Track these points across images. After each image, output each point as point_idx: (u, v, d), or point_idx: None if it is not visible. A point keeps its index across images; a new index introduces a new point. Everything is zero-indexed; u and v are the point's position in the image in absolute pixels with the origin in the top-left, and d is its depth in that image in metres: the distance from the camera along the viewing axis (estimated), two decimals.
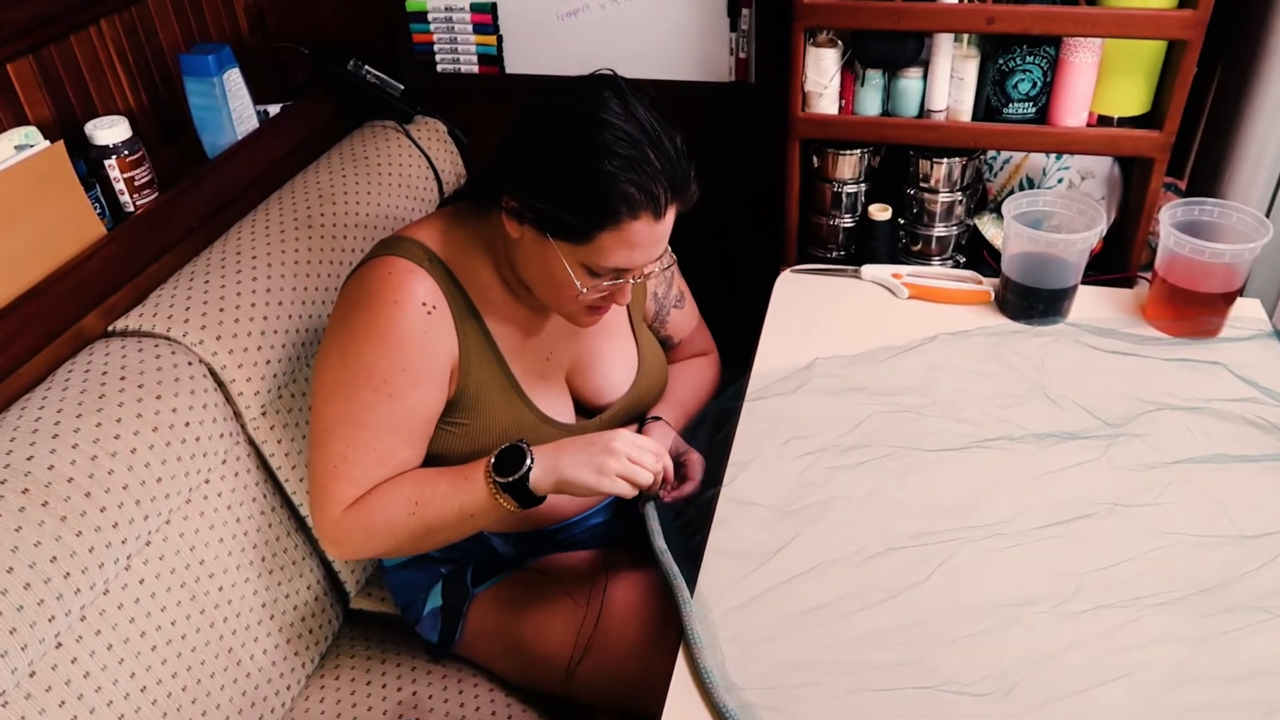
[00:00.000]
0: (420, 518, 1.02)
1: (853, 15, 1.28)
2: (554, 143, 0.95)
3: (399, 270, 1.03)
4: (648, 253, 0.98)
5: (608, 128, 0.92)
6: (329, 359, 1.04)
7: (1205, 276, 1.17)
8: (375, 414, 1.02)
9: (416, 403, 1.04)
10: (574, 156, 0.93)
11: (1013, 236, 1.22)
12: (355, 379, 1.02)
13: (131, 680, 0.98)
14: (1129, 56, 1.26)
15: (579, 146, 0.93)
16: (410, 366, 1.02)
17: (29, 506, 0.92)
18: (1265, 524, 0.95)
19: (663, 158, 0.94)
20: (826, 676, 0.83)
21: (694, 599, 0.91)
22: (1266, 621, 0.86)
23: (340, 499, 1.03)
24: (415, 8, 1.64)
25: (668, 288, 1.29)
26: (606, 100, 0.94)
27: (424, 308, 1.02)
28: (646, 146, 0.93)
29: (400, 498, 1.03)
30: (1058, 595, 0.89)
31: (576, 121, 0.94)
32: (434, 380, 1.05)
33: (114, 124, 1.24)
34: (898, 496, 1.01)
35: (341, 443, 1.03)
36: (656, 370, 1.25)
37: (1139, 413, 1.09)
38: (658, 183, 0.93)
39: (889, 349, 1.21)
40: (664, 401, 1.27)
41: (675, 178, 0.95)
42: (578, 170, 0.93)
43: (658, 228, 0.96)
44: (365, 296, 1.03)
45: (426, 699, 1.22)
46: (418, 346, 1.02)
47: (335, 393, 1.03)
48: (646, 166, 0.92)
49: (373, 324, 1.02)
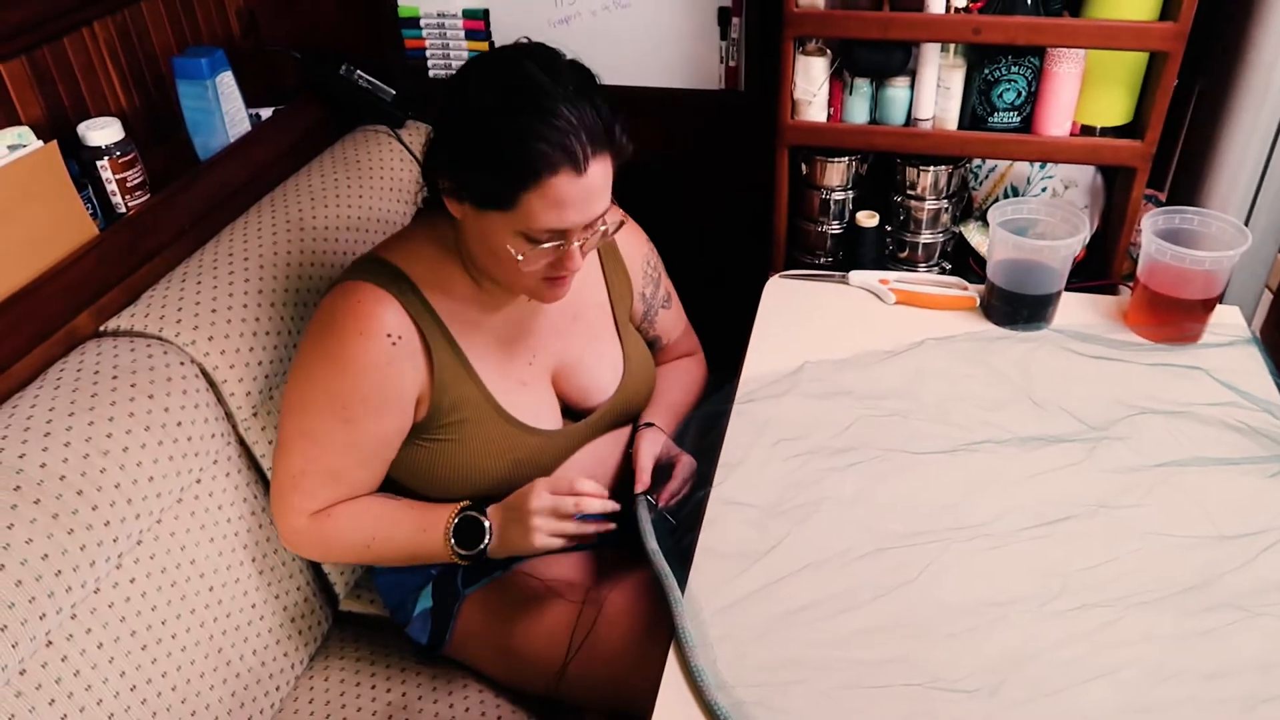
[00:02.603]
0: (375, 551, 1.11)
1: (841, 24, 1.30)
2: (469, 112, 0.96)
3: (368, 299, 1.05)
4: (581, 210, 0.97)
5: (518, 90, 0.93)
6: (297, 375, 1.08)
7: (1186, 283, 1.19)
8: (331, 437, 1.06)
9: (373, 430, 1.07)
10: (485, 121, 0.94)
11: (998, 243, 1.24)
12: (317, 400, 1.06)
13: (121, 679, 0.98)
14: (1111, 68, 1.28)
15: (489, 111, 0.94)
16: (370, 397, 1.05)
17: (21, 505, 0.92)
18: (1244, 525, 0.97)
19: (577, 113, 0.93)
20: (816, 674, 0.85)
21: (685, 598, 0.92)
22: (1244, 620, 0.88)
23: (298, 509, 1.10)
24: (407, 13, 1.65)
25: (655, 288, 1.30)
26: (519, 64, 0.95)
27: (389, 339, 1.04)
28: (558, 103, 0.92)
29: (358, 528, 1.10)
30: (1043, 594, 0.91)
31: (489, 88, 0.95)
32: (394, 409, 1.08)
33: (107, 125, 1.24)
34: (886, 498, 1.02)
35: (299, 457, 1.08)
36: (644, 371, 1.26)
37: (1121, 416, 1.11)
38: (574, 137, 0.92)
39: (876, 353, 1.23)
40: (654, 404, 1.28)
41: (595, 130, 0.94)
42: (491, 134, 0.94)
43: (582, 181, 0.94)
44: (334, 323, 1.05)
45: (416, 700, 1.22)
46: (379, 378, 1.05)
47: (299, 409, 1.07)
48: (558, 121, 0.92)
49: (338, 351, 1.04)
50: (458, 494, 1.13)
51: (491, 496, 1.11)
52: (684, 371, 1.36)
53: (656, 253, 1.31)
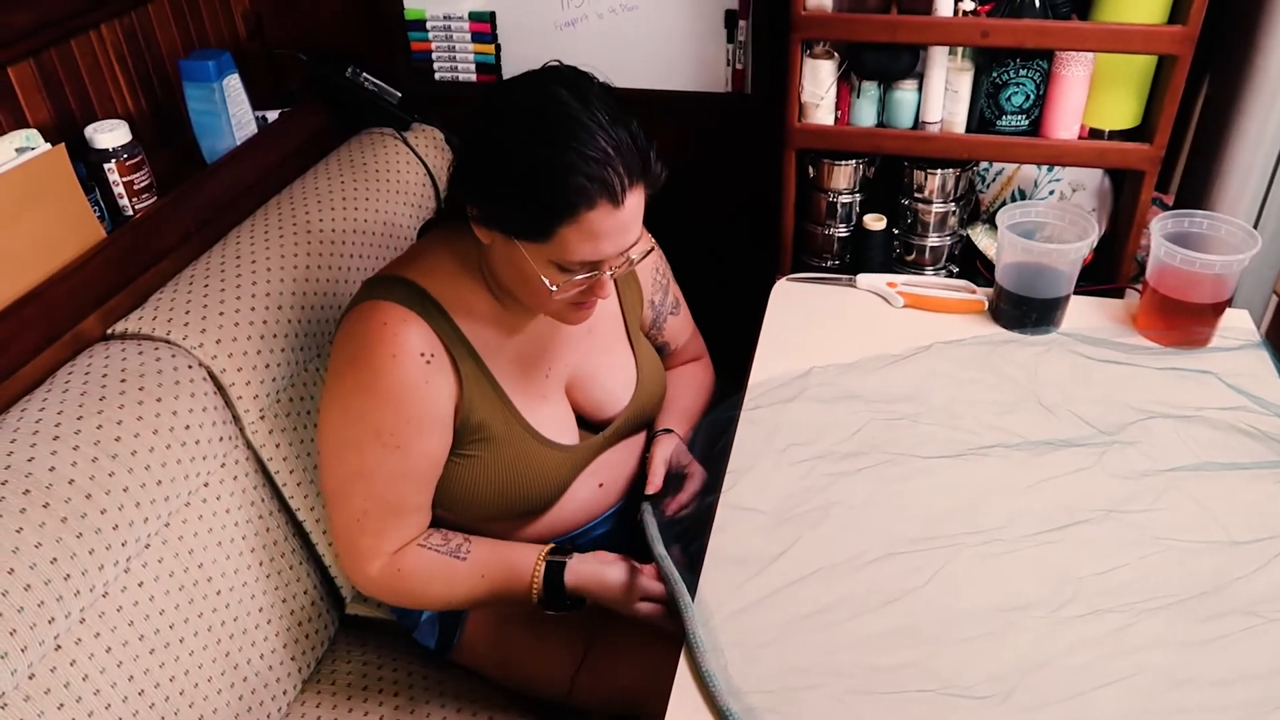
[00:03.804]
0: (448, 603, 1.12)
1: (849, 27, 1.29)
2: (502, 142, 0.93)
3: (394, 320, 1.01)
4: (615, 242, 0.95)
5: (553, 120, 0.90)
6: (332, 414, 1.04)
7: (1195, 287, 1.19)
8: (386, 467, 1.03)
9: (425, 450, 1.05)
10: (521, 153, 0.91)
11: (1006, 246, 1.24)
12: (363, 435, 1.02)
13: (129, 683, 0.98)
14: (1120, 71, 1.28)
15: (525, 142, 0.91)
16: (414, 418, 1.02)
17: (29, 508, 0.91)
18: (1255, 530, 0.97)
19: (614, 143, 0.90)
20: (828, 679, 0.84)
21: (695, 604, 0.92)
22: (1257, 626, 0.87)
23: (369, 552, 1.06)
24: (414, 16, 1.65)
25: (664, 294, 1.29)
26: (552, 93, 0.92)
27: (422, 358, 1.02)
28: (596, 134, 0.89)
29: (436, 585, 1.08)
30: (1054, 600, 0.90)
31: (522, 117, 0.92)
32: (438, 426, 1.05)
33: (114, 128, 1.24)
34: (896, 502, 1.02)
35: (359, 497, 1.04)
36: (656, 380, 1.25)
37: (1131, 421, 1.10)
38: (611, 169, 0.90)
39: (885, 357, 1.23)
40: (667, 411, 1.27)
41: (630, 162, 0.92)
42: (526, 167, 0.91)
43: (619, 215, 0.92)
44: (363, 350, 1.02)
45: (423, 705, 1.22)
46: (420, 398, 1.02)
47: (344, 448, 1.04)
48: (597, 154, 0.89)
49: (373, 380, 1.01)
50: (481, 511, 1.11)
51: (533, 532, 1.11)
52: (693, 377, 1.35)
53: (665, 259, 1.31)
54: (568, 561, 1.06)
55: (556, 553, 1.08)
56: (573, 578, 1.05)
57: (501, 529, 1.14)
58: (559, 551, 1.08)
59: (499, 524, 1.14)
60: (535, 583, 1.05)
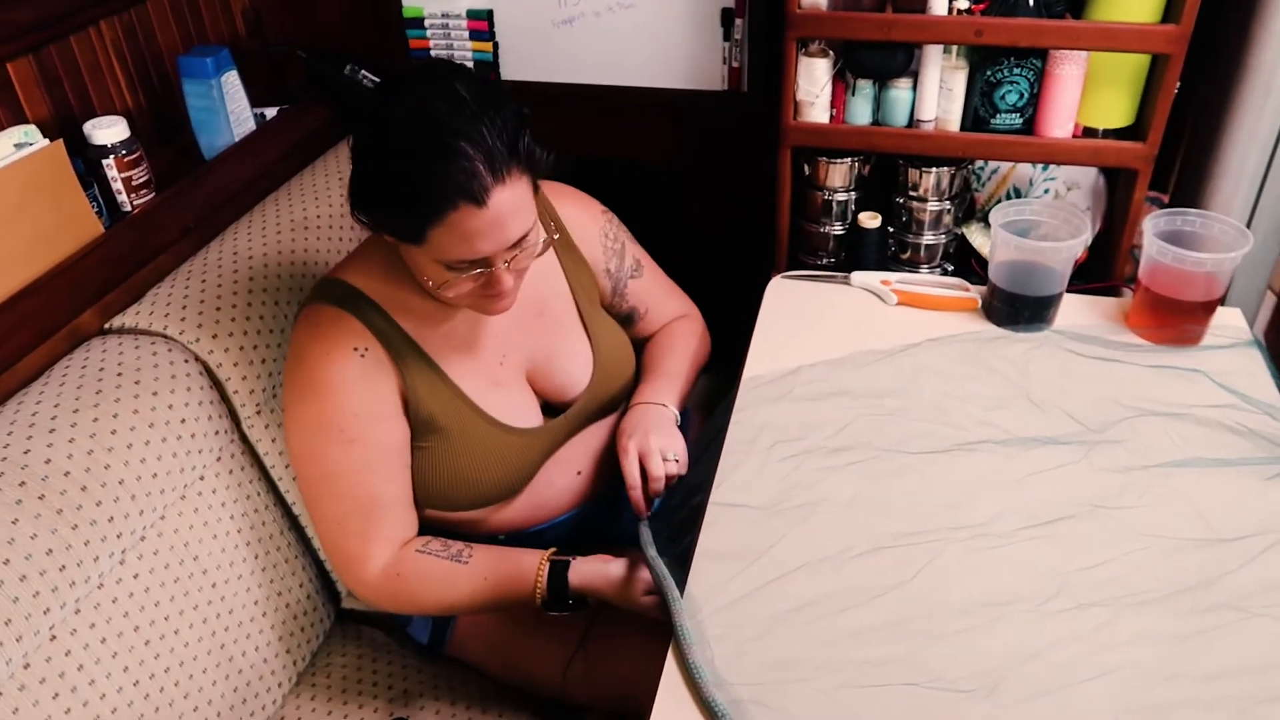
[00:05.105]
0: (450, 608, 1.11)
1: (844, 26, 1.30)
2: (364, 152, 0.95)
3: (325, 320, 1.05)
4: (493, 238, 0.93)
5: (412, 126, 0.90)
6: (291, 429, 1.07)
7: (1187, 285, 1.19)
8: (346, 464, 1.04)
9: (379, 438, 1.06)
10: (382, 161, 0.92)
11: (1000, 244, 1.24)
12: (315, 438, 1.04)
13: (124, 674, 0.99)
14: (1114, 70, 1.28)
15: (384, 150, 0.92)
16: (359, 411, 1.04)
17: (26, 500, 0.92)
18: (1241, 527, 0.97)
19: (473, 140, 0.89)
20: (814, 673, 0.85)
21: (683, 597, 0.92)
22: (1241, 621, 0.88)
23: (359, 557, 1.07)
24: (412, 13, 1.66)
25: (619, 260, 1.26)
26: (412, 96, 0.91)
27: (356, 352, 1.04)
28: (453, 137, 0.88)
29: (436, 590, 1.08)
30: (1040, 594, 0.91)
31: (380, 127, 0.92)
32: (388, 413, 1.06)
33: (112, 124, 1.25)
34: (883, 497, 1.02)
35: (332, 501, 1.06)
36: (616, 358, 1.23)
37: (1120, 418, 1.11)
38: (470, 169, 0.89)
39: (874, 353, 1.23)
40: (647, 381, 1.24)
41: (495, 158, 0.90)
42: (388, 175, 0.92)
43: (486, 214, 0.91)
44: (300, 354, 1.05)
45: (417, 699, 1.23)
46: (359, 389, 1.04)
47: (305, 459, 1.06)
48: (454, 156, 0.88)
49: (311, 380, 1.03)
50: (448, 502, 1.12)
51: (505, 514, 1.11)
52: (678, 336, 1.32)
53: (617, 221, 1.28)
54: (572, 561, 1.07)
55: (559, 554, 1.08)
56: (577, 577, 1.06)
57: (481, 519, 1.15)
58: (561, 553, 1.09)
59: (477, 513, 1.14)
60: (539, 583, 1.05)
